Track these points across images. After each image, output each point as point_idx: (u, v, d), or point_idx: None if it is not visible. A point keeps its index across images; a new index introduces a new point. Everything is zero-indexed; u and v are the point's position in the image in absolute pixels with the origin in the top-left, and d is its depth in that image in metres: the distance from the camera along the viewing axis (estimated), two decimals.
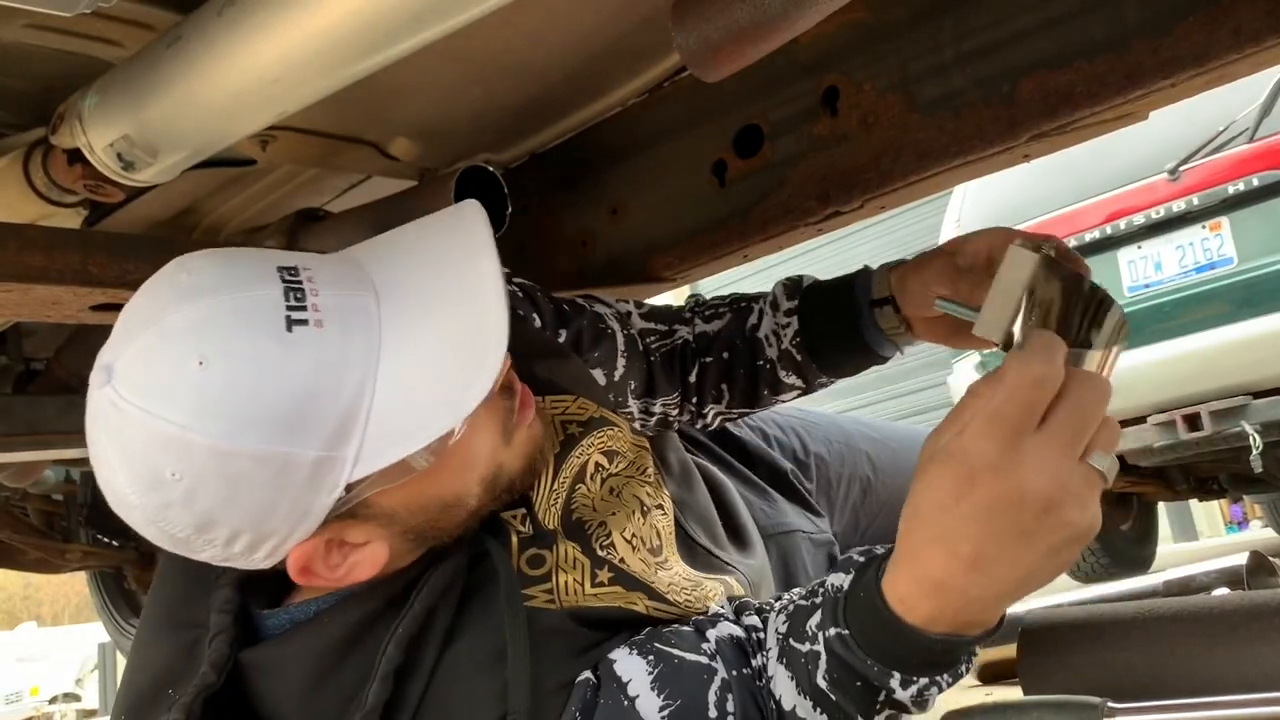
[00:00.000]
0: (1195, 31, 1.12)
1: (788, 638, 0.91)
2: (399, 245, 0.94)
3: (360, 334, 0.84)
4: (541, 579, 0.97)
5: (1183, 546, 7.68)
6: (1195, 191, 3.64)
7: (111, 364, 0.81)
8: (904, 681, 0.82)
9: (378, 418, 0.83)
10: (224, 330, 0.80)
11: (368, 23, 0.95)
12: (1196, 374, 3.58)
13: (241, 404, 0.79)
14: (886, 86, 1.35)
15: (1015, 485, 0.70)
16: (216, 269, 0.85)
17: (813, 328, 1.24)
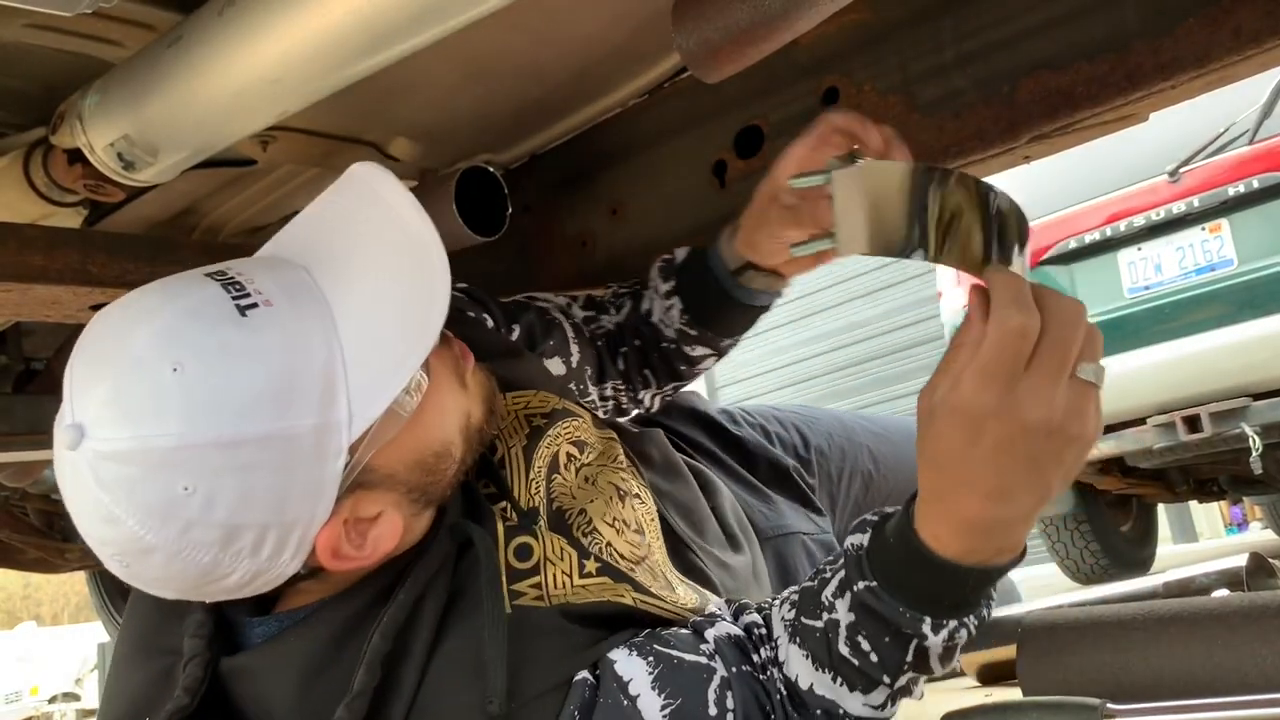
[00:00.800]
0: (1196, 32, 1.12)
1: (799, 618, 0.94)
2: (303, 225, 0.96)
3: (308, 302, 0.87)
4: (530, 572, 0.98)
5: (1182, 548, 7.68)
6: (1195, 193, 3.64)
7: (79, 421, 0.80)
8: (935, 626, 0.86)
9: (355, 373, 0.85)
10: (185, 334, 0.81)
11: (368, 23, 0.95)
12: (1196, 376, 3.58)
13: (228, 393, 0.80)
14: (887, 87, 1.35)
15: (1019, 423, 0.76)
16: (146, 294, 0.87)
17: (694, 304, 1.30)
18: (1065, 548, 4.60)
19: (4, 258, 1.16)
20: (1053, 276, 3.96)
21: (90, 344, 0.85)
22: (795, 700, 0.94)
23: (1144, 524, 4.97)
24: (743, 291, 1.27)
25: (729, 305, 1.29)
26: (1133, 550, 4.78)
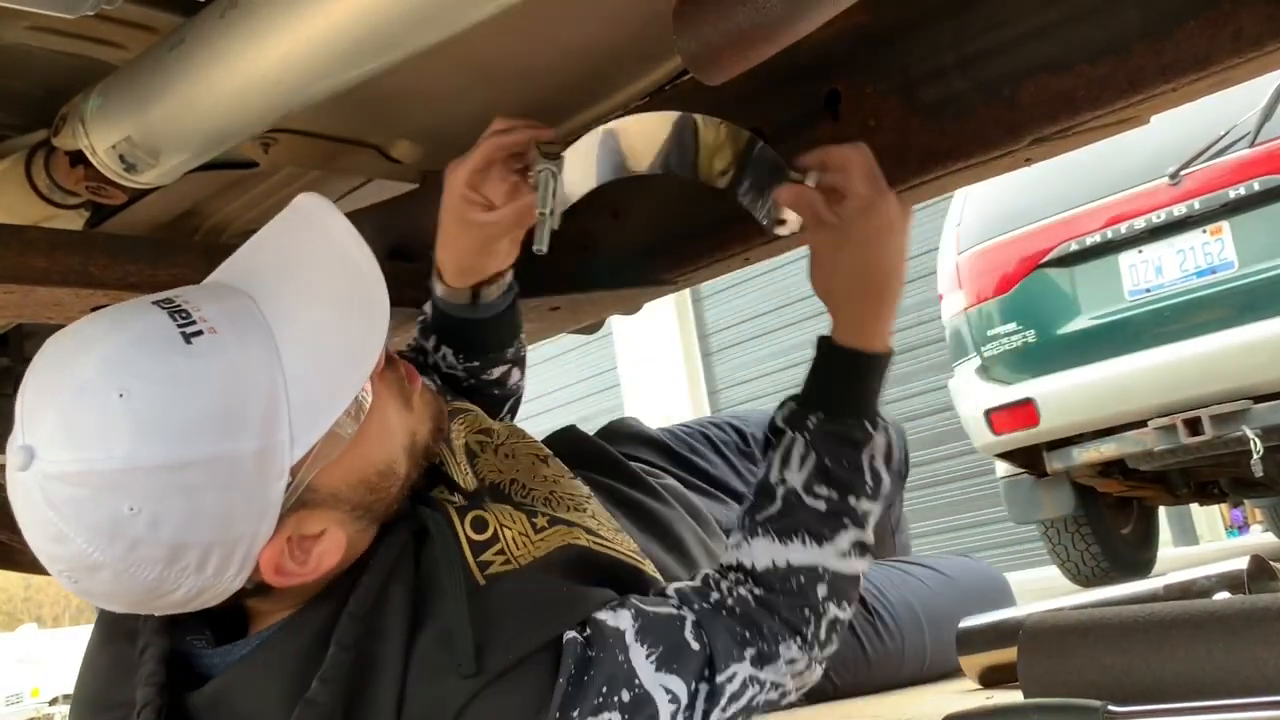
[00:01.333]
0: (1196, 35, 1.12)
1: (752, 519, 1.12)
2: (248, 253, 1.01)
3: (252, 330, 0.89)
4: (490, 542, 1.02)
5: (1183, 550, 7.67)
6: (1196, 196, 3.64)
7: (29, 444, 0.83)
8: (872, 425, 1.12)
9: (297, 397, 0.88)
10: (131, 361, 0.84)
11: (370, 26, 0.95)
12: (1197, 378, 3.58)
13: (174, 418, 0.83)
14: (888, 90, 1.35)
15: (905, 218, 1.16)
16: (95, 321, 0.90)
17: (461, 345, 1.35)
18: (1066, 550, 4.60)
19: (6, 259, 1.16)
20: (1053, 279, 3.96)
21: (41, 368, 0.87)
22: (760, 596, 1.08)
23: (1145, 526, 4.96)
24: (489, 308, 1.30)
25: (487, 329, 1.32)
26: (1133, 553, 4.78)
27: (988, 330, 4.13)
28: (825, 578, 1.09)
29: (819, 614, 1.09)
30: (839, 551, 1.10)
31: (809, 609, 1.09)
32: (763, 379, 9.38)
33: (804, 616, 1.09)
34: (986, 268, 4.15)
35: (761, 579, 1.10)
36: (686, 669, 1.00)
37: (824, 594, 1.09)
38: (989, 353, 4.13)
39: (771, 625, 1.07)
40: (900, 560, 1.88)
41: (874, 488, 1.13)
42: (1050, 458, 4.07)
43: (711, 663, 1.02)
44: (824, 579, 1.09)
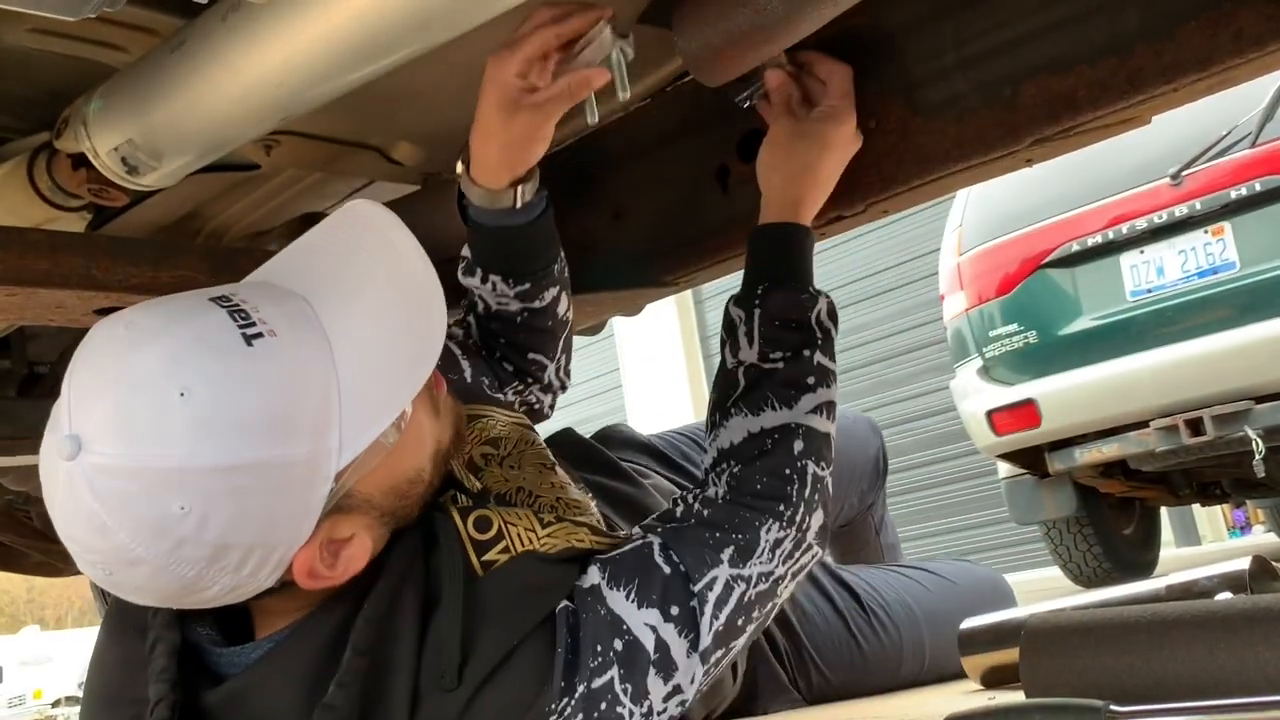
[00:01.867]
0: (1197, 36, 1.12)
1: (715, 415, 1.17)
2: (302, 255, 1.00)
3: (308, 333, 0.89)
4: (494, 540, 1.03)
5: (1185, 551, 7.67)
6: (1197, 196, 3.64)
7: (78, 433, 0.82)
8: (814, 292, 1.20)
9: (350, 404, 0.89)
10: (193, 360, 0.83)
11: (372, 28, 0.95)
12: (1199, 378, 3.58)
13: (232, 420, 0.83)
14: (888, 90, 1.35)
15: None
16: (152, 314, 0.88)
17: (509, 266, 1.33)
18: (1068, 550, 4.60)
19: (8, 262, 1.16)
20: (1055, 279, 3.96)
21: (93, 356, 0.86)
22: (737, 474, 1.11)
23: (1146, 527, 4.96)
24: (530, 210, 1.28)
25: (531, 236, 1.30)
26: (1135, 553, 4.78)
27: (989, 331, 4.13)
28: (799, 432, 1.13)
29: (800, 472, 1.11)
30: (808, 408, 1.15)
31: (788, 468, 1.11)
32: None
33: (785, 477, 1.11)
34: (988, 268, 4.15)
35: (738, 451, 1.13)
36: (664, 595, 1.01)
37: (800, 449, 1.12)
38: (991, 353, 4.13)
39: (744, 513, 1.08)
40: (898, 565, 1.88)
41: (824, 341, 1.19)
42: (1052, 458, 4.07)
43: (687, 577, 1.03)
44: (798, 434, 1.13)
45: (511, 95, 1.14)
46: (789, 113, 1.27)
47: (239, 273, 1.32)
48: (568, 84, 1.13)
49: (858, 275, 8.68)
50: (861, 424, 2.02)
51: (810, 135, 1.24)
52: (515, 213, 1.27)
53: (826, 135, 1.25)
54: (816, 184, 1.26)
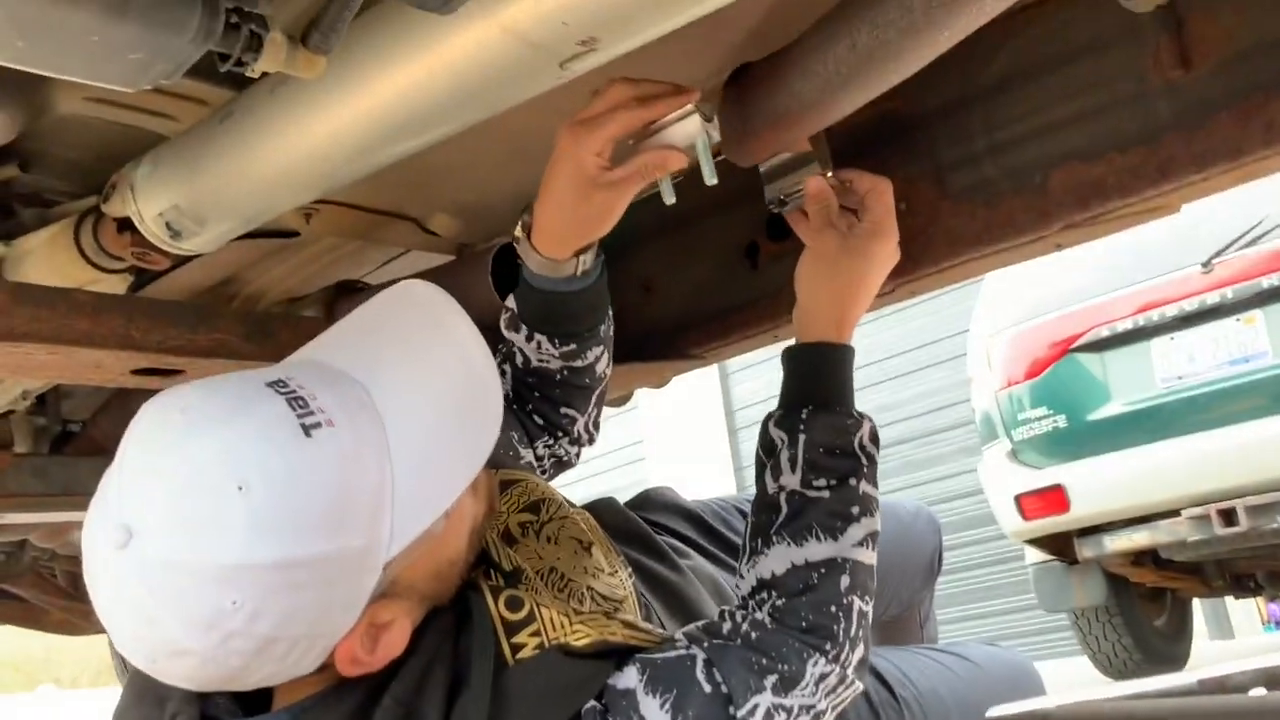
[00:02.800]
0: (1228, 126, 1.13)
1: (756, 540, 1.12)
2: (357, 335, 0.99)
3: (366, 423, 0.88)
4: (525, 621, 1.01)
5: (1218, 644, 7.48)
6: (1229, 284, 3.62)
7: (129, 521, 0.80)
8: (858, 416, 1.17)
9: (403, 495, 0.87)
10: (252, 452, 0.82)
11: (413, 105, 0.98)
12: (1232, 468, 3.53)
13: (291, 516, 0.81)
14: (918, 175, 1.37)
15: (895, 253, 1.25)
16: (210, 400, 0.86)
17: (558, 329, 1.30)
18: (1097, 640, 4.50)
19: (52, 321, 1.18)
20: (1084, 364, 3.94)
21: (148, 441, 0.85)
22: (782, 607, 1.07)
23: (1179, 618, 4.85)
24: (587, 276, 1.27)
25: (583, 300, 1.28)
26: (1167, 645, 4.67)
27: (1018, 414, 4.10)
28: (846, 567, 1.09)
29: (846, 608, 1.07)
30: (854, 541, 1.11)
31: (835, 605, 1.07)
32: None
33: (831, 614, 1.06)
34: (1017, 351, 4.13)
35: (782, 583, 1.08)
36: (700, 713, 0.97)
37: (846, 585, 1.08)
38: (1019, 437, 4.10)
39: (793, 643, 1.04)
40: (927, 647, 1.85)
41: (869, 469, 1.16)
42: (1081, 545, 4.00)
43: (730, 700, 0.99)
44: (845, 569, 1.09)
45: (589, 173, 1.13)
46: (831, 225, 1.24)
47: (275, 338, 1.34)
48: (645, 164, 1.12)
49: (887, 354, 8.67)
50: (922, 519, 1.95)
51: (856, 251, 1.22)
52: (572, 279, 1.26)
53: (872, 252, 1.22)
54: (860, 301, 1.23)
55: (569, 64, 0.93)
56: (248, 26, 0.85)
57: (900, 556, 1.86)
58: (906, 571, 1.89)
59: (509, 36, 0.89)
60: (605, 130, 1.10)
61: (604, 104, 1.11)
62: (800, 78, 1.09)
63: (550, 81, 0.97)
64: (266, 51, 0.87)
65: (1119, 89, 1.21)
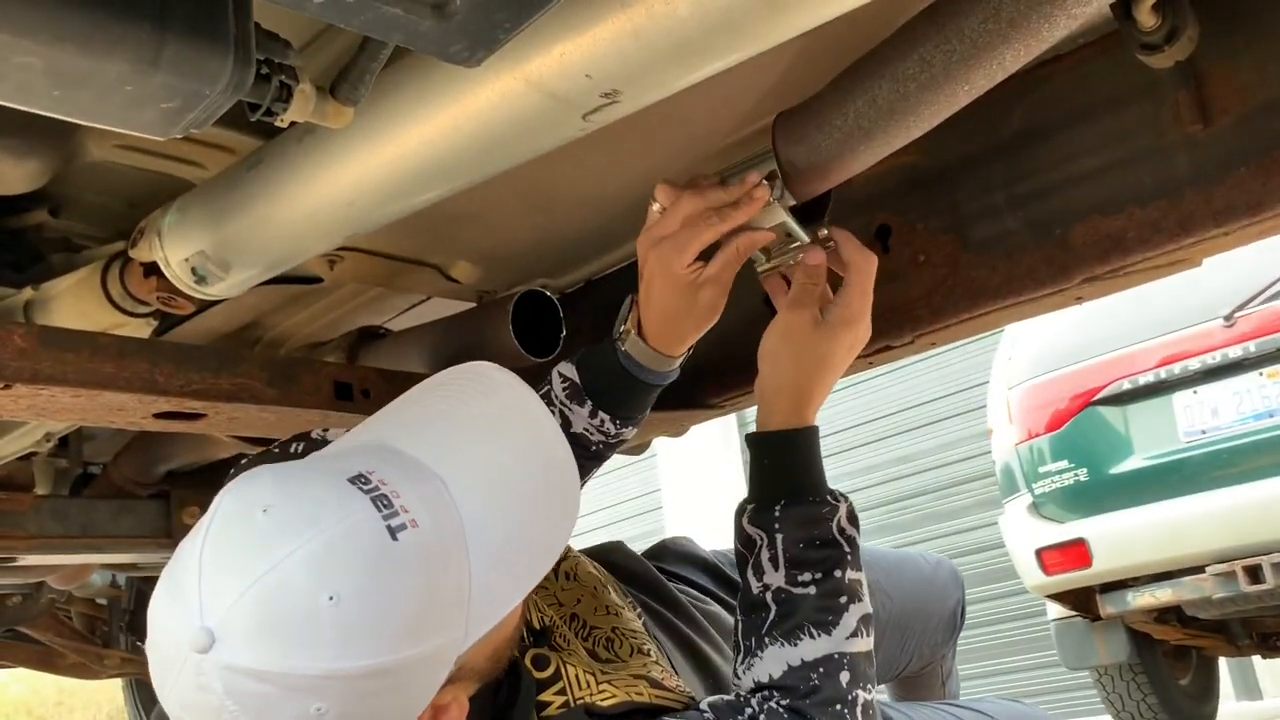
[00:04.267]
0: (1248, 181, 1.13)
1: (748, 640, 1.11)
2: (430, 419, 0.97)
3: (447, 522, 0.87)
4: (551, 680, 1.02)
5: (1246, 705, 7.34)
6: (1251, 339, 3.60)
7: (214, 626, 0.78)
8: (831, 496, 1.14)
9: (478, 593, 0.87)
10: (342, 561, 0.80)
11: (439, 155, 0.99)
12: (1258, 524, 3.48)
13: (380, 625, 0.81)
14: (939, 227, 1.37)
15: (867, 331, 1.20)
16: (294, 500, 0.83)
17: (623, 412, 1.27)
18: (1121, 699, 4.42)
19: (77, 364, 1.19)
20: (1106, 417, 3.91)
21: (231, 542, 0.82)
22: (789, 705, 1.05)
23: (1204, 678, 4.76)
24: (670, 372, 1.26)
25: (657, 391, 1.28)
26: (1192, 705, 4.58)
27: (1039, 467, 4.06)
28: (844, 663, 1.07)
29: (851, 704, 1.06)
30: (848, 632, 1.09)
31: (839, 703, 1.06)
32: None
33: (837, 713, 1.05)
34: (1038, 403, 4.11)
35: (781, 686, 1.07)
36: None
37: (848, 680, 1.07)
38: (1040, 490, 4.06)
39: None
40: (946, 703, 1.83)
41: (852, 554, 1.14)
42: (1104, 601, 3.95)
43: None
44: (844, 665, 1.07)
45: (686, 282, 1.15)
46: (808, 305, 1.20)
47: (297, 383, 1.35)
48: (736, 250, 1.15)
49: (906, 405, 8.62)
50: (944, 572, 1.94)
51: (827, 336, 1.18)
52: (670, 373, 1.26)
53: (843, 338, 1.19)
54: (826, 384, 1.20)
55: (591, 116, 0.94)
56: (278, 78, 0.86)
57: (922, 610, 1.84)
58: (928, 625, 1.87)
59: (532, 89, 0.90)
60: (690, 250, 1.13)
61: (678, 219, 1.12)
62: (819, 131, 1.10)
63: (573, 133, 0.98)
64: (296, 102, 0.89)
65: (1139, 143, 1.21)
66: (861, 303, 1.19)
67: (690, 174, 1.36)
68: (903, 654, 1.84)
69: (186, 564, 0.82)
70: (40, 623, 3.03)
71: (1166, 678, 4.43)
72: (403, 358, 1.63)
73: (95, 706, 25.77)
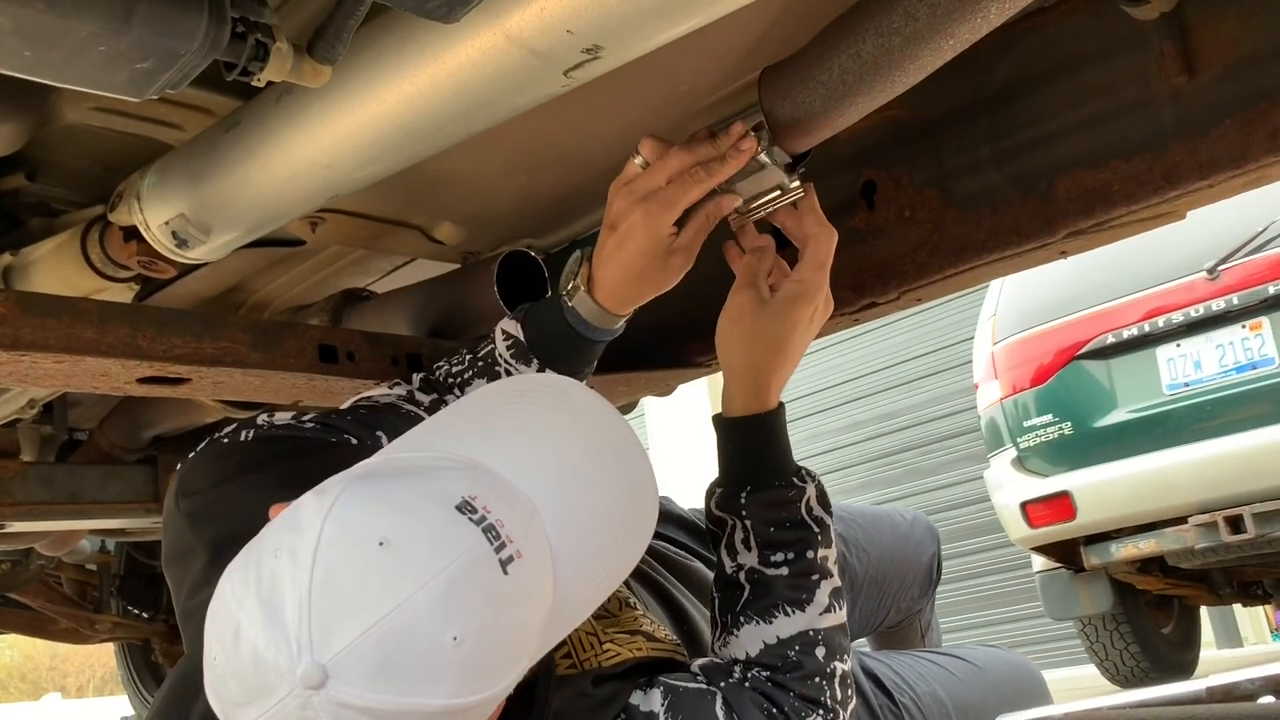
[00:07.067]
0: (1232, 133, 1.13)
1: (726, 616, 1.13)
2: (507, 433, 0.95)
3: (542, 549, 0.86)
4: (558, 646, 1.01)
5: (1227, 653, 7.46)
6: (1235, 291, 3.62)
7: (326, 663, 0.75)
8: (799, 477, 1.16)
9: (555, 616, 0.87)
10: (463, 600, 0.79)
11: (418, 113, 0.98)
12: (1239, 475, 3.52)
13: (496, 659, 0.81)
14: (923, 181, 1.37)
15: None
16: (410, 534, 0.80)
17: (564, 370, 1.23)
18: (1104, 648, 4.48)
19: (58, 330, 1.19)
20: (1090, 371, 3.93)
21: (345, 578, 0.78)
22: (769, 678, 1.09)
23: (1186, 626, 4.84)
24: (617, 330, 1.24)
25: (601, 346, 1.26)
26: (1174, 653, 4.65)
27: (1024, 421, 4.09)
28: (819, 639, 1.11)
29: (828, 676, 1.11)
30: (821, 608, 1.12)
31: (817, 676, 1.10)
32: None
33: (817, 685, 1.10)
34: (1023, 358, 4.13)
35: (759, 662, 1.11)
36: None
37: (823, 655, 1.11)
38: (1025, 444, 4.09)
39: (791, 703, 1.09)
40: (926, 651, 1.85)
41: (823, 534, 1.16)
42: (1088, 553, 4.00)
43: None
44: (818, 641, 1.11)
45: (665, 245, 1.13)
46: (752, 285, 1.18)
47: (281, 346, 1.34)
48: (705, 217, 1.13)
49: (892, 361, 8.66)
50: (919, 527, 1.97)
51: (776, 315, 1.16)
52: (613, 331, 1.24)
53: (795, 316, 1.16)
54: (784, 366, 1.18)
55: (573, 72, 0.93)
56: (254, 36, 0.85)
57: (898, 565, 1.87)
58: (905, 580, 1.90)
59: (512, 45, 0.89)
60: (679, 207, 1.10)
61: (664, 174, 1.10)
62: (804, 86, 1.09)
63: (554, 90, 0.97)
64: (272, 61, 0.87)
65: (1124, 96, 1.21)
66: (816, 276, 1.17)
67: (675, 132, 1.35)
68: (880, 608, 1.87)
69: (285, 591, 0.78)
70: (30, 589, 3.04)
71: (1149, 627, 4.50)
72: (387, 320, 1.62)
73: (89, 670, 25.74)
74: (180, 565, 1.05)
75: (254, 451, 1.08)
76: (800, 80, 1.10)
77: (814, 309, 1.18)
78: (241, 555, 0.83)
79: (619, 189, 1.13)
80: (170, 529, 1.06)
